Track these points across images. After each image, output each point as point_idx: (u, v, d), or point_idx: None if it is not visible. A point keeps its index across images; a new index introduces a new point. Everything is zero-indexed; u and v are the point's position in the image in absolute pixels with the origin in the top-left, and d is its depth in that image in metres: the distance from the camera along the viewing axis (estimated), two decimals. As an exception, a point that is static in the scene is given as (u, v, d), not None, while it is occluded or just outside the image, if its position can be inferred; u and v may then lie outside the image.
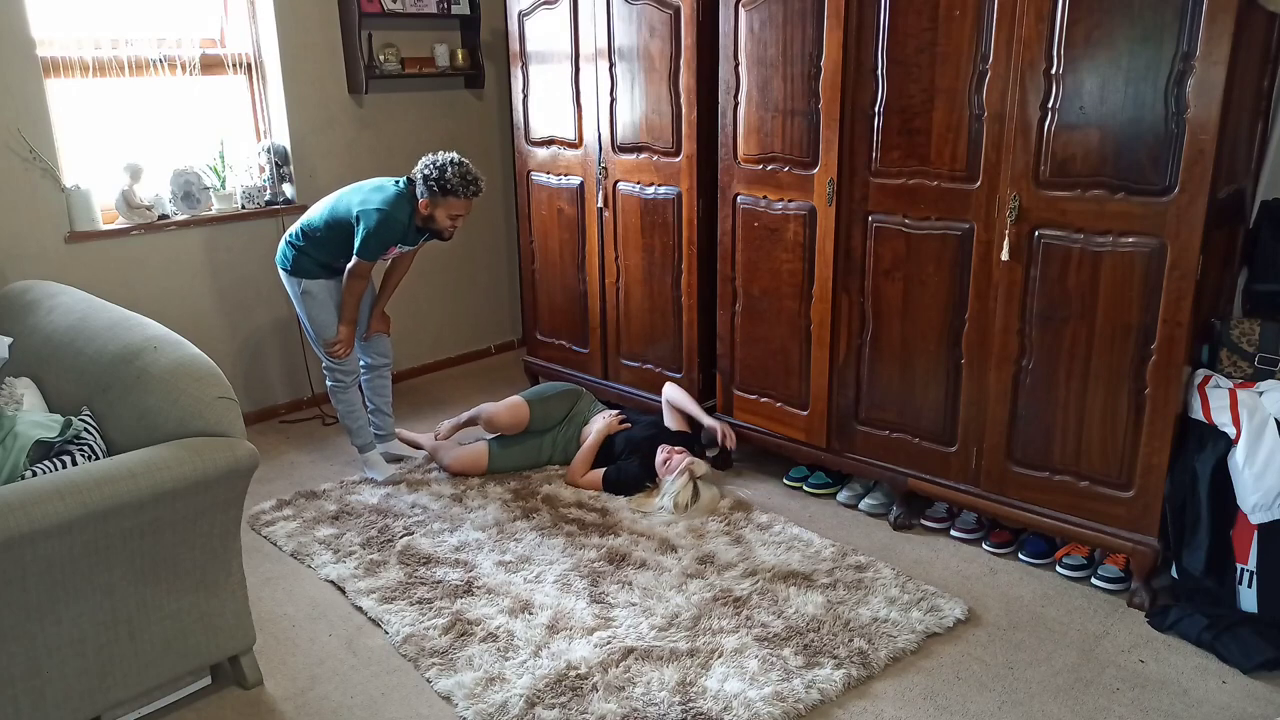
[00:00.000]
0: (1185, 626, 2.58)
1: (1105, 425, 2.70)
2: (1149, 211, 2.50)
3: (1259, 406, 2.57)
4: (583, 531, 3.15)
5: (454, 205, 3.26)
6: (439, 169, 3.20)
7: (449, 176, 3.19)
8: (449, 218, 3.30)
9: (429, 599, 2.77)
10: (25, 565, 1.92)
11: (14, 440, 2.24)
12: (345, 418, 3.59)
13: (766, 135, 3.22)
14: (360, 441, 3.60)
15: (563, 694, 2.36)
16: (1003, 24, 2.62)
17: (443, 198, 3.23)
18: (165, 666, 2.25)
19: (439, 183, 3.20)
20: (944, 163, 2.83)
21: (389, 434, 3.77)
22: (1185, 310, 2.50)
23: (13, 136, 3.37)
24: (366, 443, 3.61)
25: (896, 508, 3.22)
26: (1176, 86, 2.39)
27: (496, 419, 3.59)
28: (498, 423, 3.59)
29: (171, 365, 2.29)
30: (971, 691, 2.40)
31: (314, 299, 3.44)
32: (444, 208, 3.26)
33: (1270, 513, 2.51)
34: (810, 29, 3.02)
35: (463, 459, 3.60)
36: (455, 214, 3.30)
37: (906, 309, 3.03)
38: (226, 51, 3.99)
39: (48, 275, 3.36)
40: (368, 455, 3.61)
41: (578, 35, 3.75)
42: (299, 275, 3.44)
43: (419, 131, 4.53)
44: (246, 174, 4.09)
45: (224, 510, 2.24)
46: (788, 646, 2.52)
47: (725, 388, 3.61)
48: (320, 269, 3.43)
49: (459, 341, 4.97)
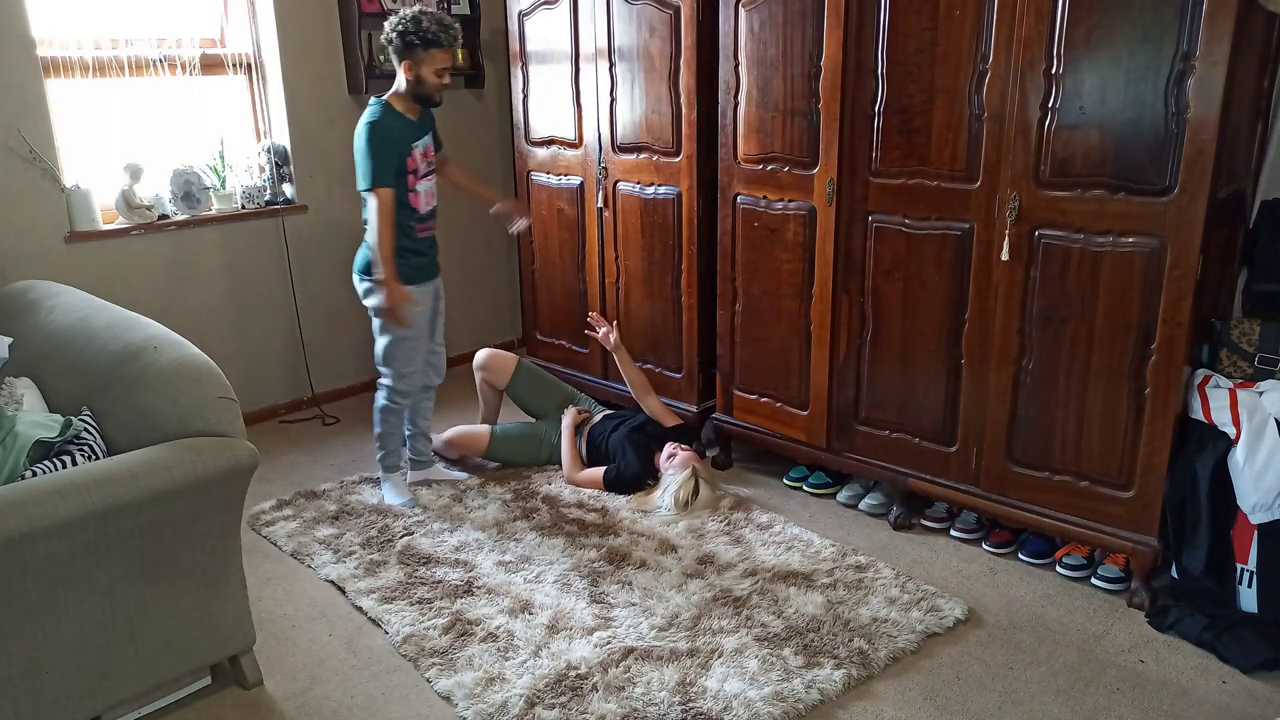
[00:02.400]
0: (1185, 626, 2.58)
1: (1105, 425, 2.70)
2: (1149, 211, 2.50)
3: (1259, 406, 2.57)
4: (583, 531, 3.15)
5: (438, 58, 3.01)
6: (413, 21, 2.96)
7: (426, 27, 2.96)
8: (435, 74, 3.03)
9: (429, 599, 2.77)
10: (25, 565, 1.92)
11: (14, 440, 2.24)
12: (386, 438, 3.36)
13: (766, 135, 3.22)
14: (391, 462, 3.39)
15: (563, 694, 2.36)
16: (1003, 24, 2.62)
17: (425, 50, 2.98)
18: (165, 666, 2.25)
19: (418, 35, 2.96)
20: (944, 163, 2.83)
21: (429, 460, 3.59)
22: (1185, 310, 2.50)
23: (13, 136, 3.37)
24: (396, 465, 3.42)
25: (896, 508, 3.22)
26: (1176, 86, 2.39)
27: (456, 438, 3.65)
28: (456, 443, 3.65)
29: (171, 365, 2.29)
30: (971, 691, 2.40)
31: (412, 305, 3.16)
32: (428, 63, 3.00)
33: (1270, 513, 2.51)
34: (810, 29, 3.02)
35: (463, 435, 3.63)
36: (441, 68, 3.04)
37: (906, 309, 3.03)
38: (226, 51, 3.99)
39: (48, 275, 3.35)
40: (392, 476, 3.41)
41: (578, 35, 3.75)
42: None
43: (419, 131, 4.53)
44: (246, 174, 4.09)
45: (224, 510, 2.24)
46: (788, 646, 2.52)
47: (725, 388, 3.61)
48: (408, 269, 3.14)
49: (459, 341, 4.96)
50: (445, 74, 3.07)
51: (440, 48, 3.01)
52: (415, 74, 3.03)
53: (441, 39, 3.00)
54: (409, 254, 3.17)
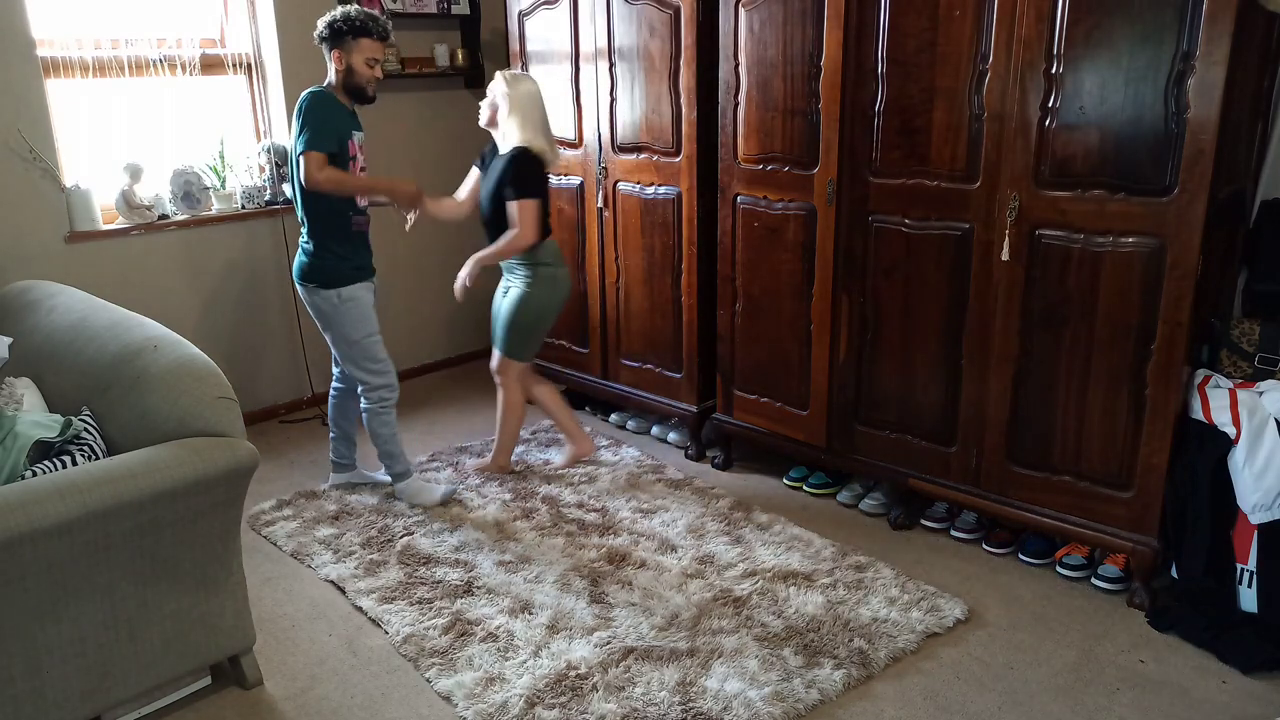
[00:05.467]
0: (1185, 626, 2.58)
1: (1105, 425, 2.70)
2: (1149, 211, 2.50)
3: (1259, 406, 2.57)
4: (582, 531, 3.15)
5: (367, 46, 3.01)
6: (341, 14, 2.98)
7: (354, 15, 2.98)
8: (366, 64, 3.02)
9: (429, 599, 2.77)
10: (25, 565, 1.92)
11: (14, 440, 2.24)
12: (389, 442, 3.28)
13: (766, 135, 3.22)
14: (400, 469, 3.34)
15: (563, 694, 2.36)
16: (1003, 24, 2.62)
17: (354, 40, 2.98)
18: (165, 666, 2.25)
19: (346, 23, 2.97)
20: (944, 163, 2.83)
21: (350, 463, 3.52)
22: (1185, 310, 2.50)
23: (13, 136, 3.37)
24: (405, 470, 3.35)
25: (896, 508, 3.22)
26: (1176, 86, 2.39)
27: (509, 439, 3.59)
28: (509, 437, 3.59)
29: (171, 365, 2.29)
30: (971, 691, 2.40)
31: (358, 305, 3.13)
32: (358, 52, 3.00)
33: (1270, 513, 2.52)
34: (810, 29, 3.02)
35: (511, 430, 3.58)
36: (371, 57, 3.03)
37: (906, 309, 3.03)
38: (226, 51, 3.99)
39: (48, 275, 3.35)
40: (408, 484, 3.35)
41: (578, 35, 3.75)
42: (333, 285, 3.10)
43: (418, 131, 4.53)
44: (246, 174, 4.09)
45: (224, 510, 2.24)
46: (788, 646, 2.52)
47: (725, 388, 3.61)
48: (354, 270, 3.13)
49: (459, 341, 4.97)
50: (376, 65, 3.06)
51: (369, 36, 3.01)
52: (346, 63, 3.02)
53: (370, 27, 3.00)
54: (348, 252, 3.14)
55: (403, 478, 3.36)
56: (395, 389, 3.28)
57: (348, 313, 3.13)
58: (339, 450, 3.49)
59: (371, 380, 3.22)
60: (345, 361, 3.24)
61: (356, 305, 3.14)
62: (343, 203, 3.10)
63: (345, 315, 3.13)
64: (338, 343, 3.21)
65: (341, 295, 3.12)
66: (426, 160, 4.54)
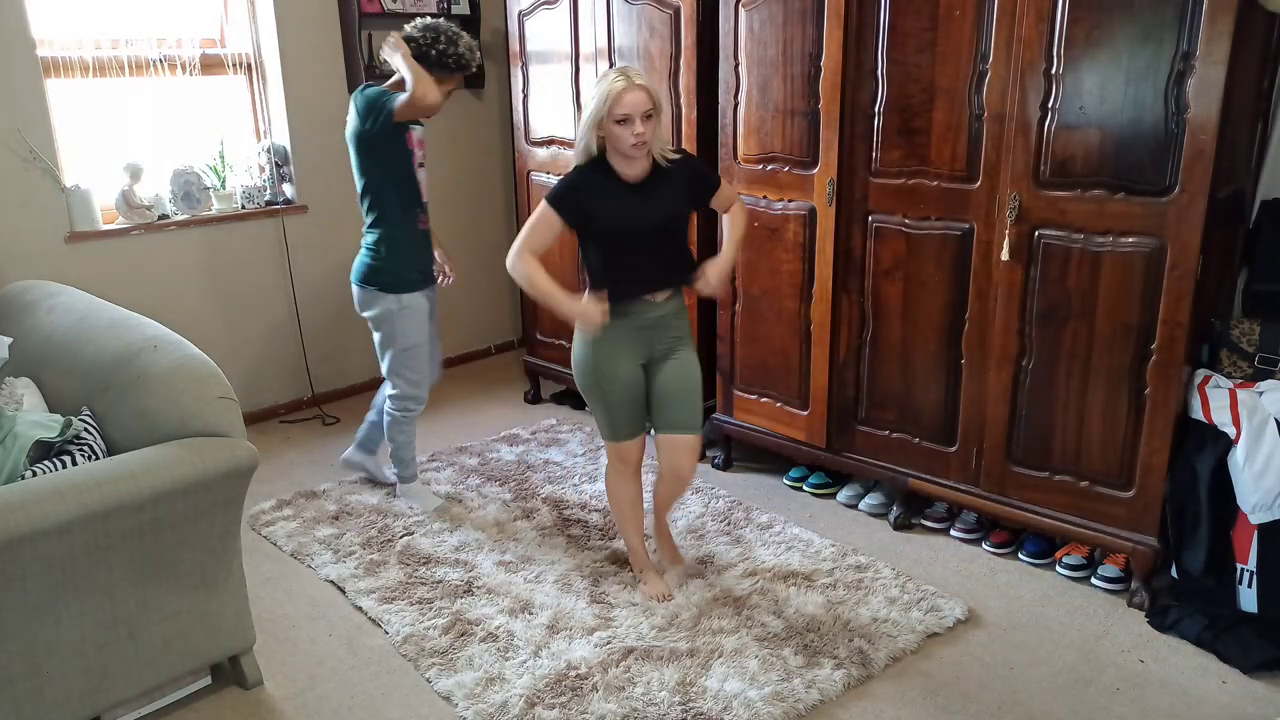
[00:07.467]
0: (1185, 626, 2.58)
1: (1105, 425, 2.70)
2: (1149, 211, 2.50)
3: (1259, 406, 2.57)
4: (584, 532, 3.15)
5: (454, 81, 3.01)
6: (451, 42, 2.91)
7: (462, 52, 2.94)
8: (445, 94, 2.95)
9: (429, 599, 2.77)
10: (25, 565, 1.92)
11: (14, 440, 2.24)
12: (403, 449, 3.30)
13: (766, 135, 3.22)
14: (409, 473, 3.36)
15: (563, 694, 2.36)
16: (1003, 24, 2.62)
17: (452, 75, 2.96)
18: (165, 666, 2.25)
19: (456, 59, 2.93)
20: (944, 163, 2.83)
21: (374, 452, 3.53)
22: (1185, 310, 2.50)
23: (13, 136, 3.37)
24: (413, 475, 3.38)
25: (896, 508, 3.22)
26: (1176, 86, 2.39)
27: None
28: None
29: (171, 365, 2.29)
30: (971, 691, 2.40)
31: (415, 314, 3.09)
32: (445, 85, 2.95)
33: (1270, 513, 2.51)
34: (810, 29, 3.02)
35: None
36: (450, 89, 3.00)
37: (906, 309, 3.03)
38: (226, 51, 3.99)
39: (48, 275, 3.35)
40: (411, 486, 3.37)
41: (578, 35, 3.75)
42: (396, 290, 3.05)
43: (419, 131, 4.53)
44: (246, 174, 4.09)
45: (224, 510, 2.24)
46: (788, 646, 2.52)
47: (725, 388, 3.60)
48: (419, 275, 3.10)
49: (459, 341, 4.97)
50: (449, 94, 3.02)
51: (464, 73, 3.02)
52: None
53: (470, 65, 3.01)
54: (413, 253, 3.11)
55: (408, 481, 3.39)
56: (423, 401, 3.27)
57: (404, 320, 3.09)
58: (371, 435, 3.48)
59: (405, 389, 3.21)
60: (385, 365, 3.21)
61: (414, 314, 3.10)
62: (411, 194, 3.06)
63: (401, 322, 3.09)
64: (384, 344, 3.17)
65: (402, 301, 3.07)
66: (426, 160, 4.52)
